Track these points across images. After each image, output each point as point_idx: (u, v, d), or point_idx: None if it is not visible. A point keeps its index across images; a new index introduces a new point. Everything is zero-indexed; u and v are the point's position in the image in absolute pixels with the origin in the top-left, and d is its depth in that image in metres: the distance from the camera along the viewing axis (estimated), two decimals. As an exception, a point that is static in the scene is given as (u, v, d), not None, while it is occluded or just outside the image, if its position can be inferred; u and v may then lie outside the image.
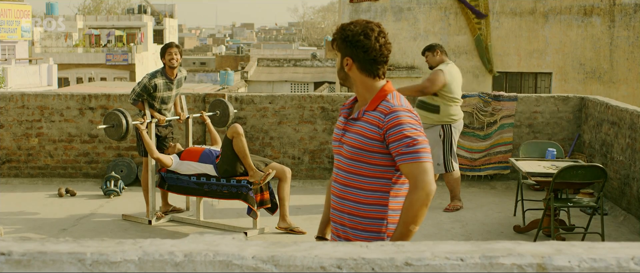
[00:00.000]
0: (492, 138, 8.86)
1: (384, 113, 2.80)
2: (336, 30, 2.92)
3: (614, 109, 7.76)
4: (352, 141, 2.86)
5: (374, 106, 2.85)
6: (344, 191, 2.90)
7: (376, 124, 2.81)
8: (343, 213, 2.91)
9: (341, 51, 2.89)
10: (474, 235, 6.68)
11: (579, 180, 6.07)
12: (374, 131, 2.81)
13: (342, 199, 2.91)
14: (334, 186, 2.96)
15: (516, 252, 2.40)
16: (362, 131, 2.84)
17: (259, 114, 8.91)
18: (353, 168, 2.87)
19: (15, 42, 32.03)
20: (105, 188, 8.11)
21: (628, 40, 15.92)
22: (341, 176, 2.91)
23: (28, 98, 8.91)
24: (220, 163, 6.55)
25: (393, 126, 2.77)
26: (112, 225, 6.97)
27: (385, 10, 16.44)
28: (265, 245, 2.52)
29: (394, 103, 2.82)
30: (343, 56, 2.89)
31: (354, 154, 2.85)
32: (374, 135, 2.81)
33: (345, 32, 2.85)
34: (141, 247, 2.51)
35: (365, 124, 2.84)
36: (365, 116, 2.86)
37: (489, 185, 8.81)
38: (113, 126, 6.70)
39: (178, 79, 7.09)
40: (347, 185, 2.89)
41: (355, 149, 2.85)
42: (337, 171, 2.95)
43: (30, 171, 8.96)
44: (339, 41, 2.89)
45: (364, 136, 2.83)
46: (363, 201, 2.86)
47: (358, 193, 2.87)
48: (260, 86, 37.49)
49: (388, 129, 2.78)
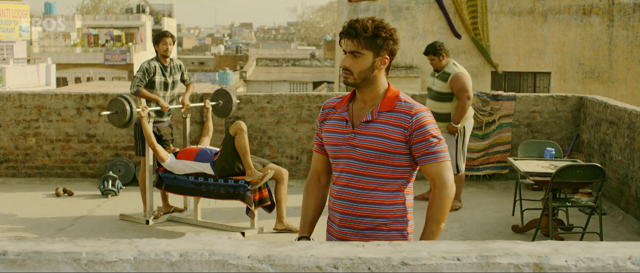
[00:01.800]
0: (490, 137, 8.85)
1: (409, 114, 2.78)
2: (369, 26, 2.76)
3: (613, 109, 7.75)
4: (371, 144, 2.78)
5: (390, 107, 2.80)
6: (361, 194, 2.83)
7: (400, 125, 2.78)
8: (360, 217, 2.85)
9: (375, 49, 2.79)
10: (472, 235, 6.67)
11: (577, 179, 6.06)
12: (398, 132, 2.78)
13: (358, 203, 2.84)
14: (342, 191, 2.87)
15: (513, 252, 2.39)
16: (384, 133, 2.78)
17: (257, 113, 8.89)
18: (372, 171, 2.81)
19: (13, 41, 31.99)
20: (102, 188, 8.10)
21: (627, 39, 15.92)
22: (355, 180, 2.83)
23: (25, 98, 8.89)
24: (218, 160, 6.53)
25: (419, 126, 2.77)
26: (109, 224, 6.95)
27: (384, 10, 16.43)
28: (261, 244, 2.51)
29: (413, 103, 2.82)
30: (378, 54, 2.80)
31: (374, 157, 2.79)
32: (398, 136, 2.78)
33: (386, 29, 2.77)
34: (137, 246, 2.50)
35: (385, 126, 2.79)
36: (381, 117, 2.81)
37: (488, 184, 8.80)
38: (116, 113, 6.68)
39: (172, 66, 7.07)
40: (364, 188, 2.82)
41: (376, 152, 2.78)
42: (348, 175, 2.85)
43: (28, 171, 8.94)
44: (379, 39, 2.77)
45: (386, 138, 2.78)
46: (385, 202, 2.83)
47: (379, 195, 2.83)
48: (259, 86, 37.47)
49: (415, 130, 2.77)
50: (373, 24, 2.75)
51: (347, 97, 2.94)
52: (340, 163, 2.87)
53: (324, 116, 2.97)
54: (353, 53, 2.79)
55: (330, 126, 2.90)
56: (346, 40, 2.79)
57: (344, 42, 2.81)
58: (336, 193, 2.89)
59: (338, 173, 2.88)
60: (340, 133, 2.87)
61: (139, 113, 6.66)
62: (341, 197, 2.87)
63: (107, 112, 6.72)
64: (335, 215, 2.91)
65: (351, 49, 2.78)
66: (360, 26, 2.75)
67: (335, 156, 2.89)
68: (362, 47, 2.77)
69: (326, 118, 2.95)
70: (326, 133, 2.92)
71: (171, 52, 7.03)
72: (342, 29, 2.82)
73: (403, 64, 16.36)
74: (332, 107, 2.94)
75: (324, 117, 2.96)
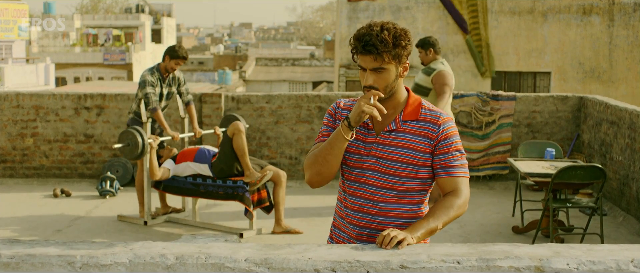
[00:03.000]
0: (490, 137, 8.82)
1: (436, 123, 2.63)
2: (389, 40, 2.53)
3: (614, 109, 7.72)
4: (397, 156, 2.61)
5: (415, 116, 2.64)
6: (382, 208, 2.66)
7: (427, 135, 2.63)
8: (381, 231, 2.65)
9: (396, 59, 2.58)
10: (472, 236, 6.63)
11: (578, 180, 6.02)
12: (425, 143, 2.63)
13: (379, 217, 2.66)
14: (362, 204, 2.67)
15: (514, 255, 2.36)
16: (411, 144, 2.62)
17: (255, 113, 8.85)
18: (395, 184, 2.64)
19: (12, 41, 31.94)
20: (100, 189, 8.06)
21: (627, 39, 15.89)
22: (376, 193, 2.65)
23: (23, 98, 8.85)
24: (216, 161, 6.50)
25: (446, 137, 2.64)
26: (107, 225, 6.91)
27: (383, 10, 16.40)
28: (258, 247, 2.47)
29: (438, 111, 2.68)
30: (400, 62, 2.60)
31: (400, 170, 2.62)
32: (425, 148, 2.63)
33: (402, 36, 2.56)
34: (132, 249, 2.47)
35: (411, 136, 2.63)
36: (406, 126, 2.64)
37: (488, 185, 8.77)
38: (128, 145, 6.67)
39: (170, 78, 7.02)
40: (386, 201, 2.65)
41: (401, 165, 2.61)
42: (369, 188, 2.66)
43: (26, 171, 8.90)
44: (399, 48, 2.56)
45: (414, 150, 2.62)
46: (407, 215, 2.69)
47: (402, 209, 2.67)
48: (258, 86, 37.42)
49: (441, 141, 2.63)
50: (390, 35, 2.54)
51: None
52: (359, 174, 2.67)
53: (340, 116, 2.72)
54: (376, 70, 2.58)
55: (343, 132, 2.62)
56: (364, 57, 2.57)
57: (362, 59, 2.58)
58: (354, 205, 2.70)
59: (355, 184, 2.69)
60: (361, 140, 2.66)
61: (151, 144, 6.64)
62: (360, 209, 2.68)
63: (118, 144, 6.71)
64: (351, 228, 2.72)
65: (373, 66, 2.56)
66: (379, 41, 2.52)
67: (354, 165, 2.68)
68: (385, 62, 2.56)
69: (341, 119, 2.71)
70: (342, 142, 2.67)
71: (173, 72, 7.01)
72: (355, 45, 2.58)
73: (402, 64, 16.31)
74: (347, 109, 2.72)
75: (340, 117, 2.72)
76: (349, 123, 2.54)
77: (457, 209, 2.60)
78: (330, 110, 2.78)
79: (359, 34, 2.57)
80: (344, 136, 2.56)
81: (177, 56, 6.81)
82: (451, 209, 2.58)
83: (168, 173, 6.70)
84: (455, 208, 2.59)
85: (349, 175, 2.71)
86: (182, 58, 6.83)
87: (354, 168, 2.68)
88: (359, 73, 2.68)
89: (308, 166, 2.69)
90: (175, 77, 7.07)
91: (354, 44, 2.59)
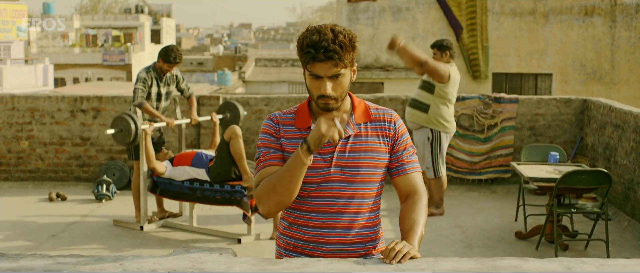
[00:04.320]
0: (492, 141, 8.68)
1: (390, 121, 2.53)
2: (347, 42, 2.37)
3: (618, 112, 7.59)
4: (362, 161, 2.47)
5: (368, 117, 2.52)
6: (353, 220, 2.48)
7: (384, 134, 2.52)
8: (352, 245, 2.51)
9: (350, 63, 2.42)
10: (474, 242, 6.50)
11: (583, 185, 5.90)
12: (385, 143, 2.52)
13: (350, 230, 2.49)
14: (332, 219, 2.48)
15: (523, 270, 2.23)
16: (371, 146, 2.49)
17: (254, 116, 8.73)
18: (363, 191, 2.49)
19: (10, 42, 31.82)
20: (96, 192, 7.93)
21: (629, 41, 15.76)
22: (344, 205, 2.47)
23: (18, 100, 8.72)
24: (213, 166, 6.37)
25: (402, 134, 2.55)
26: (103, 231, 6.78)
27: (383, 10, 16.27)
28: (254, 262, 2.33)
29: (386, 109, 2.57)
30: (352, 66, 2.44)
31: (363, 176, 2.47)
32: (384, 147, 2.51)
33: (354, 37, 2.40)
34: (121, 264, 2.33)
35: (370, 138, 2.50)
36: (361, 129, 2.50)
37: (490, 189, 8.64)
38: (121, 131, 6.53)
39: (167, 77, 6.90)
40: (356, 212, 2.49)
41: (368, 169, 2.48)
42: (335, 201, 2.47)
43: (21, 174, 8.77)
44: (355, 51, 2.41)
45: (376, 152, 2.49)
46: (372, 223, 2.56)
47: (368, 217, 2.53)
48: (257, 87, 37.29)
49: (398, 138, 2.54)
50: (346, 38, 2.36)
51: (303, 114, 2.52)
52: (322, 188, 2.46)
53: (281, 133, 2.50)
54: (334, 77, 2.39)
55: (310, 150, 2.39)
56: (323, 64, 2.36)
57: (319, 66, 2.36)
58: (319, 222, 2.49)
59: (319, 200, 2.47)
60: (318, 153, 2.45)
61: (144, 130, 6.50)
62: (328, 226, 2.48)
63: (111, 130, 6.57)
64: (321, 247, 2.50)
65: (333, 73, 2.37)
66: (338, 45, 2.34)
67: (315, 180, 2.46)
68: (343, 66, 2.38)
69: (286, 136, 2.50)
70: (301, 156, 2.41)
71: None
72: (311, 53, 2.35)
73: (403, 65, 16.19)
74: (288, 124, 2.51)
75: (282, 134, 2.50)
76: (309, 146, 2.33)
77: (426, 207, 2.52)
78: (267, 128, 2.54)
79: (313, 41, 2.35)
80: (304, 161, 2.34)
81: (169, 60, 6.69)
82: (424, 210, 2.49)
83: (165, 169, 6.56)
84: (426, 208, 2.51)
85: (309, 192, 2.48)
86: (176, 63, 6.71)
87: (314, 183, 2.47)
88: (309, 83, 2.44)
89: (264, 197, 2.45)
90: (173, 75, 6.96)
91: (308, 52, 2.36)
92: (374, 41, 16.27)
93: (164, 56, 6.71)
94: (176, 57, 6.69)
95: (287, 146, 2.50)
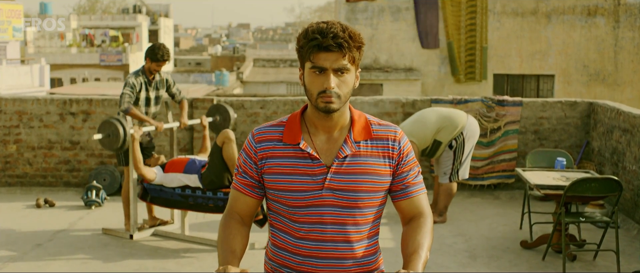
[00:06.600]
0: (495, 145, 8.39)
1: (394, 139, 2.24)
2: (355, 35, 2.13)
3: (626, 116, 7.32)
4: (358, 185, 2.18)
5: (368, 134, 2.22)
6: (348, 249, 2.21)
7: (387, 155, 2.22)
8: None
9: (356, 62, 2.16)
10: (478, 251, 6.23)
11: (592, 193, 5.63)
12: (386, 165, 2.22)
13: (345, 259, 2.21)
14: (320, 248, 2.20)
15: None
16: (371, 168, 2.20)
17: (249, 119, 8.45)
18: (358, 217, 2.20)
19: (6, 42, 31.50)
20: (86, 199, 7.65)
21: (633, 41, 15.49)
22: (339, 232, 2.19)
23: (5, 102, 8.43)
24: (206, 172, 6.09)
25: (407, 153, 2.26)
26: (91, 239, 6.51)
27: (382, 11, 16.00)
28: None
29: (390, 125, 2.27)
30: (357, 68, 2.18)
31: (362, 201, 2.19)
32: (386, 170, 2.22)
33: (360, 34, 2.16)
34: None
35: (369, 159, 2.20)
36: (361, 149, 2.21)
37: (493, 194, 8.36)
38: (109, 136, 6.25)
39: (157, 81, 6.62)
40: (351, 241, 2.20)
41: (365, 194, 2.19)
42: (326, 228, 2.18)
43: (8, 180, 8.49)
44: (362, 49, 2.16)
45: (375, 175, 2.20)
46: (371, 251, 2.27)
47: (367, 245, 2.25)
48: (255, 87, 37.02)
49: (403, 158, 2.24)
50: (356, 32, 2.14)
51: (293, 126, 2.23)
52: (313, 213, 2.18)
53: (263, 153, 2.21)
54: (340, 71, 2.12)
55: (286, 167, 2.18)
56: (328, 54, 2.10)
57: (324, 57, 2.10)
58: (311, 251, 2.20)
59: (308, 226, 2.20)
60: (307, 174, 2.17)
61: (133, 135, 6.22)
62: (321, 255, 2.20)
63: (98, 135, 6.29)
64: None
65: (339, 65, 2.11)
66: (347, 35, 2.10)
67: (304, 204, 2.18)
68: (350, 60, 2.12)
69: (269, 155, 2.21)
70: (279, 175, 2.19)
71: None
72: (316, 40, 2.10)
73: (402, 66, 15.92)
74: (275, 139, 2.21)
75: (265, 154, 2.21)
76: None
77: (432, 231, 2.23)
78: (247, 147, 2.26)
79: (320, 28, 2.10)
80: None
81: (156, 59, 6.42)
82: (429, 233, 2.21)
83: (154, 175, 6.27)
84: (432, 231, 2.23)
85: (298, 217, 2.20)
86: (164, 61, 6.43)
87: (304, 207, 2.19)
88: (309, 79, 2.15)
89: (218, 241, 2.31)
90: (163, 80, 6.67)
91: (314, 38, 2.09)
92: (373, 42, 16.01)
93: (151, 54, 6.44)
94: (164, 54, 6.42)
95: (271, 167, 2.20)
